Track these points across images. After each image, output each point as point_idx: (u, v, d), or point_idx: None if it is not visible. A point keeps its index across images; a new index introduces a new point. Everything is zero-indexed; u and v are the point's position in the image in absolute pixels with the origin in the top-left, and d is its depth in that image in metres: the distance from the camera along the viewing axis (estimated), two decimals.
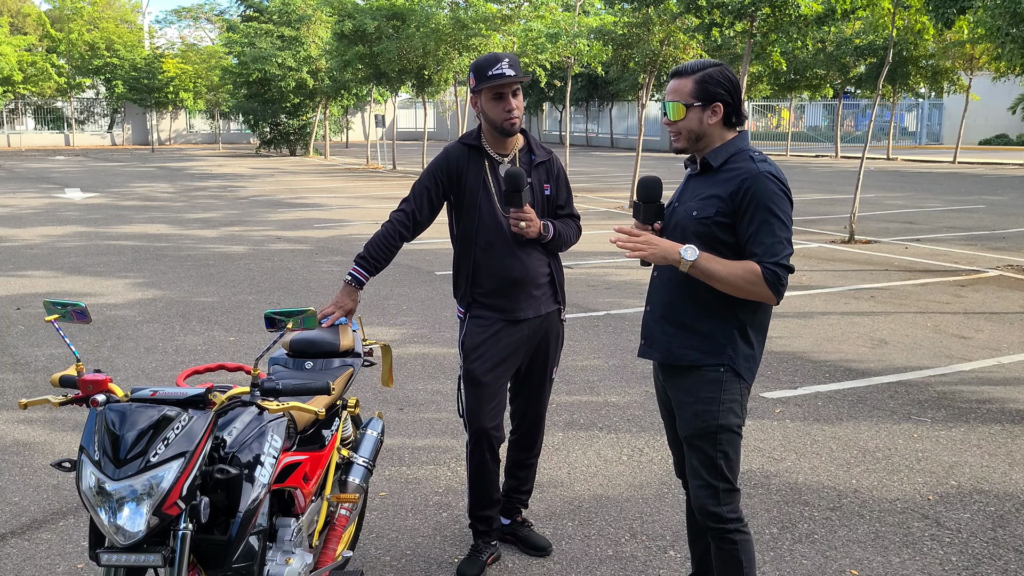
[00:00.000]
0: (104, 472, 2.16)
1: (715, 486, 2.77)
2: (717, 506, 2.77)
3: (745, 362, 2.77)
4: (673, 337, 2.81)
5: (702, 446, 2.77)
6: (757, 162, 2.69)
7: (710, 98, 2.70)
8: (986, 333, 7.33)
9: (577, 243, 3.73)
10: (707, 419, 2.75)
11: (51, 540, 3.82)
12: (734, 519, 2.79)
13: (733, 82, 2.72)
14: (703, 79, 2.70)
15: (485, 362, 3.46)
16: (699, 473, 2.79)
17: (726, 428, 2.75)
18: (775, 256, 2.61)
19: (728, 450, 2.77)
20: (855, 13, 13.71)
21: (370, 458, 3.26)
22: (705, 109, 2.71)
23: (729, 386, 2.75)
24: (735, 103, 2.73)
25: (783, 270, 2.62)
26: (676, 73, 2.75)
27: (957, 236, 13.13)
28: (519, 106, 3.39)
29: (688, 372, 2.79)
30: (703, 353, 2.75)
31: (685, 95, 2.71)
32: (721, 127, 2.75)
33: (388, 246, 3.47)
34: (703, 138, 2.75)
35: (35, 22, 42.97)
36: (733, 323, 2.74)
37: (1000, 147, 38.10)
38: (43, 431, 5.09)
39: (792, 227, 2.67)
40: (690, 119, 2.73)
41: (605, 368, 6.33)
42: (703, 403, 2.75)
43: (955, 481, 4.42)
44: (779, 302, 2.67)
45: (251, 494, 2.38)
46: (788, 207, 2.67)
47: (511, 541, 3.79)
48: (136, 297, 8.69)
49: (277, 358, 3.28)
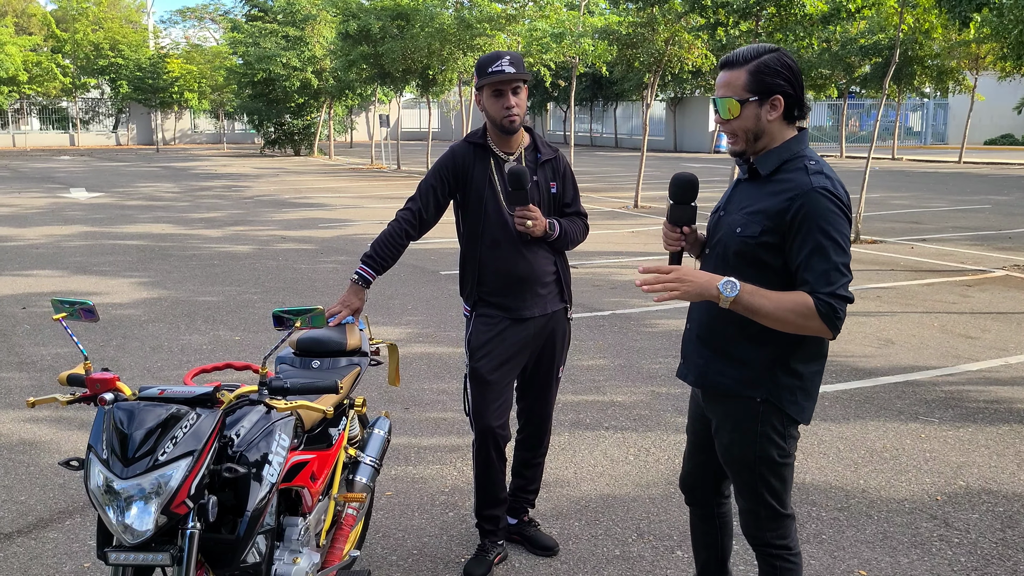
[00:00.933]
0: (112, 471, 2.16)
1: (756, 512, 2.60)
2: (760, 531, 2.62)
3: (790, 395, 2.47)
4: (709, 362, 2.56)
5: (742, 473, 2.58)
6: (811, 174, 2.35)
7: (768, 90, 2.37)
8: (993, 333, 7.30)
9: (583, 242, 3.72)
10: (743, 449, 2.54)
11: (57, 539, 3.82)
12: (780, 545, 2.62)
13: (794, 69, 2.38)
14: (758, 68, 2.36)
15: (491, 361, 3.45)
16: (741, 496, 2.63)
17: (765, 460, 2.53)
18: (830, 286, 2.29)
19: (770, 479, 2.55)
20: (861, 12, 13.68)
21: (377, 457, 3.25)
22: (763, 103, 2.38)
23: (767, 418, 2.49)
24: (797, 94, 2.38)
25: (840, 301, 2.29)
26: (726, 63, 2.41)
27: (963, 236, 13.09)
28: (519, 104, 3.37)
29: (724, 399, 2.56)
30: (738, 383, 2.50)
31: (738, 89, 2.38)
32: (782, 123, 2.42)
33: (394, 245, 3.47)
34: (762, 137, 2.42)
35: (40, 22, 43.07)
36: (773, 351, 2.45)
37: (1005, 147, 38.00)
38: (50, 430, 5.09)
39: (851, 249, 2.37)
40: (746, 117, 2.40)
41: (611, 368, 6.32)
42: (740, 432, 2.54)
43: (963, 481, 4.40)
44: (835, 336, 2.33)
45: (259, 493, 2.37)
46: (846, 227, 2.33)
47: (518, 541, 3.78)
48: (141, 296, 8.69)
49: (284, 357, 3.28)
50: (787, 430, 2.52)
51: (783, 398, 2.48)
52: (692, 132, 40.09)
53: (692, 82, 35.21)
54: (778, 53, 2.40)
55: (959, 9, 10.52)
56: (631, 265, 10.48)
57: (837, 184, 2.37)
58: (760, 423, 2.50)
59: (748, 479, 2.57)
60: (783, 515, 2.61)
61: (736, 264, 2.43)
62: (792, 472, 2.62)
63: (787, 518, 2.62)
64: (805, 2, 13.46)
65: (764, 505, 2.58)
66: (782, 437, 2.52)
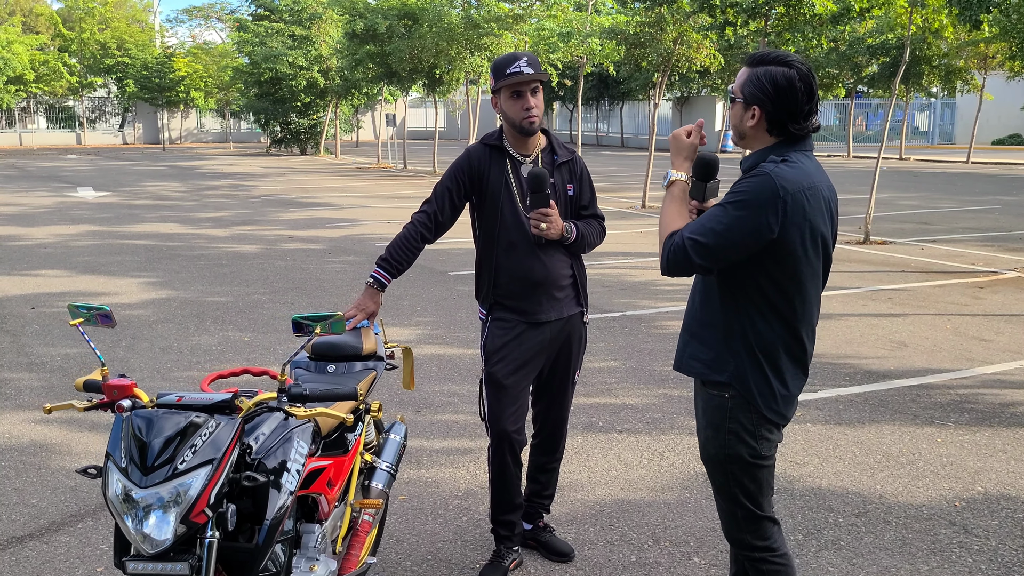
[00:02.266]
0: (131, 479, 2.13)
1: (733, 512, 2.60)
2: (739, 532, 2.61)
3: (756, 387, 2.48)
4: (687, 345, 2.62)
5: (714, 472, 2.61)
6: (776, 163, 2.39)
7: (751, 99, 2.43)
8: (1007, 336, 7.25)
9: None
10: (715, 446, 2.56)
11: (70, 543, 3.79)
12: (761, 547, 2.60)
13: (782, 90, 2.38)
14: (752, 76, 2.43)
15: (507, 365, 3.42)
16: (718, 496, 2.65)
17: (735, 459, 2.53)
18: (692, 233, 2.38)
19: (743, 479, 2.55)
20: (871, 12, 13.63)
21: (393, 463, 3.22)
22: (746, 109, 2.45)
23: (735, 414, 2.50)
24: (777, 114, 2.40)
25: (684, 245, 2.38)
26: (745, 59, 2.50)
27: (973, 237, 13.03)
28: (538, 104, 3.34)
29: (703, 390, 2.59)
30: (705, 365, 2.54)
31: (737, 86, 2.47)
32: (764, 132, 2.46)
33: (410, 248, 3.43)
34: (745, 138, 2.49)
35: (47, 21, 43.14)
36: (738, 340, 2.49)
37: (1013, 147, 37.87)
38: (60, 432, 5.07)
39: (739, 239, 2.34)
40: (735, 112, 2.50)
41: (622, 370, 6.28)
42: (711, 428, 2.56)
43: (981, 487, 4.36)
44: (662, 273, 2.48)
45: (278, 501, 2.34)
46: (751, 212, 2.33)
47: (533, 546, 3.75)
48: (150, 297, 8.67)
49: (299, 361, 3.25)
50: (757, 429, 2.51)
51: (751, 391, 2.48)
52: None
53: (699, 81, 35.12)
54: (781, 70, 2.39)
55: (969, 11, 10.47)
56: (640, 266, 10.44)
57: (784, 175, 2.35)
58: (728, 419, 2.52)
59: (721, 479, 2.59)
60: (760, 516, 2.60)
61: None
62: (769, 475, 2.59)
63: (765, 519, 2.60)
64: (815, 2, 13.41)
65: (739, 506, 2.59)
66: (752, 436, 2.51)
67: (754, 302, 2.46)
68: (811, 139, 2.51)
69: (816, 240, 2.44)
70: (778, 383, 2.51)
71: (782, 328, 2.49)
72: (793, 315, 2.48)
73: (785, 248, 2.39)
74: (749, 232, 2.34)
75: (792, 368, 2.54)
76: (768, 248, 2.38)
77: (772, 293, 2.45)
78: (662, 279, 9.64)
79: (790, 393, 2.55)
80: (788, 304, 2.46)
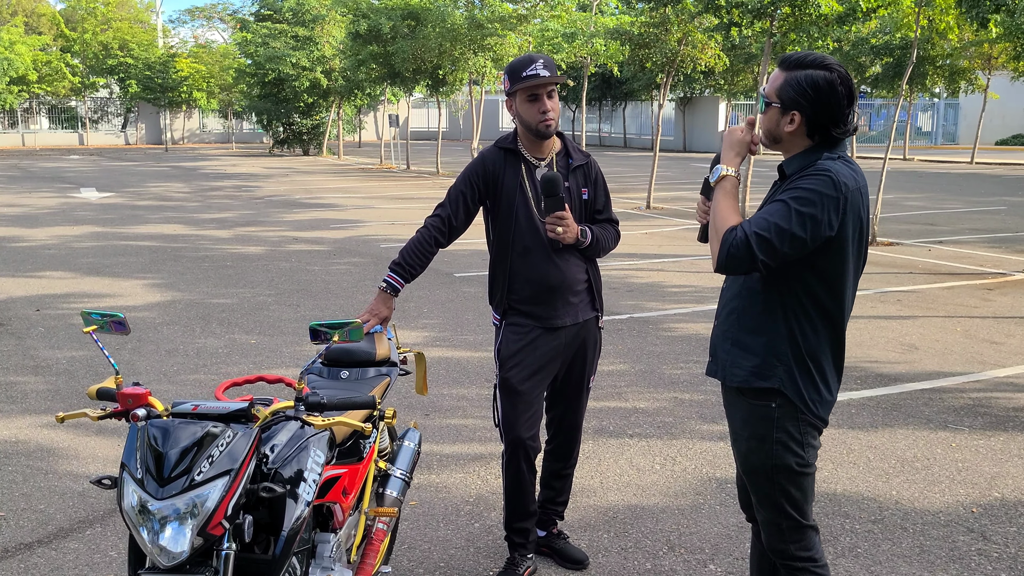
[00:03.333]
0: (147, 490, 2.09)
1: (778, 523, 2.57)
2: (783, 543, 2.59)
3: (805, 391, 2.48)
4: (729, 354, 2.57)
5: (760, 483, 2.56)
6: (834, 159, 2.39)
7: (790, 104, 2.40)
8: (1018, 338, 7.20)
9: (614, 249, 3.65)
10: (761, 457, 2.53)
11: (79, 550, 3.75)
12: (804, 557, 2.58)
13: (824, 93, 2.36)
14: (790, 80, 2.39)
15: (522, 371, 3.38)
16: (761, 508, 2.61)
17: (782, 468, 2.50)
18: (758, 228, 2.32)
19: (789, 488, 2.53)
20: (877, 12, 13.57)
21: (407, 470, 3.18)
22: (784, 113, 2.42)
23: (782, 423, 2.48)
24: (820, 118, 2.38)
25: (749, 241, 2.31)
26: (781, 62, 2.45)
27: (980, 238, 12.98)
28: (555, 108, 3.30)
29: (743, 400, 2.55)
30: (750, 373, 2.50)
31: (773, 90, 2.43)
32: (803, 137, 2.45)
33: (423, 252, 3.40)
34: (781, 142, 2.46)
35: (49, 22, 43.14)
36: (786, 343, 2.47)
37: (1017, 147, 37.77)
38: (68, 436, 5.03)
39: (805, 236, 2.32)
40: (769, 116, 2.45)
41: (632, 373, 6.24)
42: (756, 439, 2.53)
43: (998, 492, 4.31)
44: (716, 270, 2.41)
45: (295, 512, 2.30)
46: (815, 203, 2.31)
47: (547, 553, 3.71)
48: (155, 299, 8.64)
49: (312, 367, 3.21)
50: (804, 437, 2.50)
51: (793, 388, 2.47)
52: (702, 132, 39.95)
53: (702, 82, 35.07)
54: (820, 73, 2.37)
55: (977, 10, 10.42)
56: (646, 267, 10.40)
57: (843, 172, 2.37)
58: (775, 429, 2.49)
59: (767, 489, 2.55)
60: (805, 526, 2.58)
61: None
62: (813, 483, 2.59)
63: (809, 529, 2.59)
64: (820, 2, 13.35)
65: (785, 516, 2.56)
66: (799, 445, 2.50)
67: (802, 303, 2.46)
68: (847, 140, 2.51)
69: (863, 239, 2.47)
70: (823, 387, 2.52)
71: (828, 330, 2.49)
72: (840, 314, 2.48)
73: (838, 245, 2.40)
74: (813, 228, 2.33)
75: (834, 371, 2.55)
76: (823, 245, 2.38)
77: (821, 292, 2.45)
78: (669, 281, 9.60)
79: (833, 397, 2.55)
80: (836, 302, 2.47)
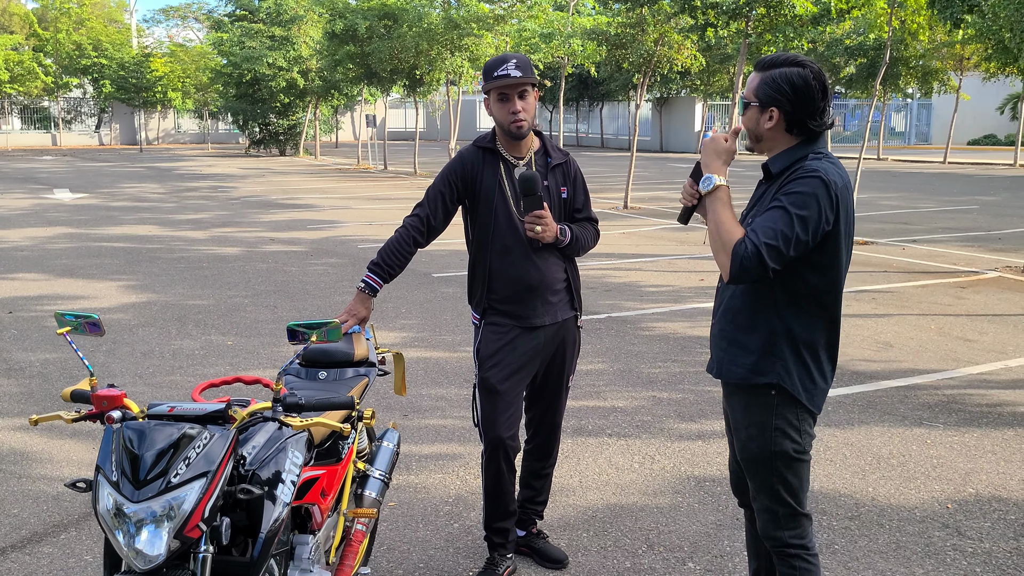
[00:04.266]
0: (123, 493, 2.06)
1: (775, 510, 2.65)
2: (778, 530, 2.66)
3: (801, 383, 2.56)
4: (725, 352, 2.65)
5: (759, 471, 2.64)
6: (810, 160, 2.48)
7: (768, 101, 2.51)
8: (990, 336, 7.29)
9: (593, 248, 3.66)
10: (760, 444, 2.61)
11: (53, 554, 3.71)
12: (797, 545, 2.65)
13: (799, 89, 2.46)
14: (768, 79, 2.50)
15: (501, 370, 3.38)
16: (758, 496, 2.68)
17: (781, 455, 2.59)
18: (764, 237, 2.37)
19: (786, 475, 2.61)
20: (851, 13, 13.69)
21: (386, 471, 3.17)
22: (763, 111, 2.53)
23: (781, 411, 2.57)
24: (796, 113, 2.49)
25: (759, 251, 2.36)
26: (758, 64, 2.56)
27: (953, 237, 13.12)
28: (527, 108, 3.29)
29: (740, 392, 2.65)
30: (748, 371, 2.59)
31: (751, 91, 2.54)
32: (783, 133, 2.54)
33: (402, 252, 3.38)
34: (763, 140, 2.57)
35: (22, 21, 42.59)
36: (782, 338, 2.55)
37: (989, 147, 38.25)
38: (41, 440, 4.97)
39: (807, 238, 2.40)
40: (749, 116, 2.56)
41: (610, 372, 6.25)
42: (756, 427, 2.61)
43: (972, 488, 4.36)
44: (729, 282, 2.46)
45: (273, 513, 2.28)
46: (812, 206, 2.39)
47: (526, 553, 3.71)
48: (130, 300, 8.56)
49: (289, 368, 3.18)
50: (801, 424, 2.60)
51: (795, 386, 2.56)
52: (678, 132, 40.12)
53: (679, 82, 35.22)
54: (796, 69, 2.48)
55: (951, 10, 10.53)
56: (624, 267, 10.42)
57: (831, 171, 2.46)
58: (775, 416, 2.58)
59: (765, 476, 2.63)
60: (801, 514, 2.66)
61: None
62: (808, 470, 2.67)
63: (805, 517, 2.67)
64: (795, 3, 13.46)
65: (782, 503, 2.64)
66: (797, 431, 2.59)
67: (797, 297, 2.53)
68: (826, 137, 2.61)
69: (851, 232, 2.56)
70: (819, 376, 2.61)
71: (825, 321, 2.58)
72: (835, 300, 2.57)
73: (833, 237, 2.48)
74: (813, 229, 2.42)
75: (828, 359, 2.64)
76: (820, 240, 2.47)
77: (817, 282, 2.52)
78: (646, 280, 9.63)
79: (828, 385, 2.65)
80: (832, 290, 2.55)
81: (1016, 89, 31.41)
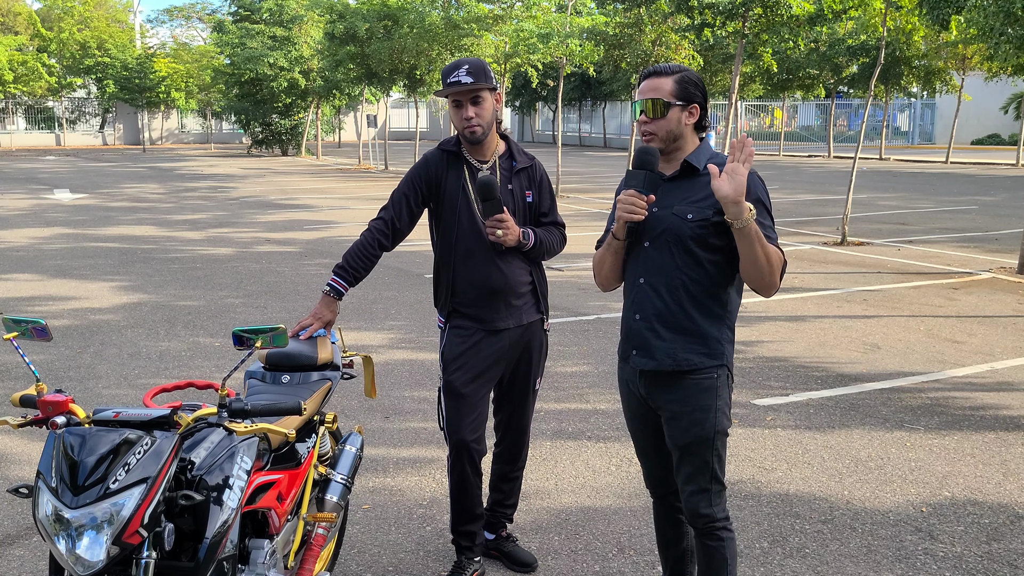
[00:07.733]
0: (61, 499, 2.06)
1: (708, 489, 2.78)
2: (709, 507, 2.79)
3: (731, 357, 2.81)
4: (674, 343, 2.74)
5: (700, 452, 2.76)
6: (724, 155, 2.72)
7: (689, 98, 2.73)
8: (979, 338, 7.26)
9: (565, 248, 3.66)
10: (705, 426, 2.74)
11: (24, 556, 3.72)
12: (723, 517, 2.81)
13: (703, 87, 2.78)
14: (682, 79, 2.73)
15: (465, 373, 3.37)
16: (693, 479, 2.78)
17: (722, 432, 2.77)
18: (777, 237, 2.66)
19: (721, 452, 2.79)
20: (847, 13, 13.66)
21: (348, 475, 3.16)
22: (684, 109, 2.73)
23: (723, 391, 2.76)
24: (704, 107, 2.78)
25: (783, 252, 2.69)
26: (654, 73, 2.75)
27: (950, 237, 13.08)
28: (480, 114, 3.27)
29: (683, 380, 2.75)
30: (705, 356, 2.74)
31: (666, 93, 2.70)
32: (693, 130, 2.77)
33: (367, 255, 3.38)
34: (679, 139, 2.74)
35: (26, 21, 42.71)
36: (727, 323, 2.77)
37: (992, 147, 38.11)
38: (10, 441, 4.98)
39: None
40: (670, 119, 2.71)
41: (595, 374, 6.24)
42: (701, 411, 2.74)
43: (948, 492, 4.34)
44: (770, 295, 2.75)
45: (219, 518, 2.28)
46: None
47: (495, 556, 3.70)
48: (121, 301, 8.57)
49: (254, 372, 3.19)
50: (730, 400, 2.83)
51: (733, 364, 2.81)
52: None
53: None
54: (688, 72, 2.76)
55: (937, 11, 10.50)
56: None
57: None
58: (717, 397, 2.75)
59: (705, 456, 2.75)
60: (724, 487, 2.82)
61: (690, 248, 2.67)
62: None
63: (725, 489, 2.84)
64: (792, 3, 13.43)
65: (716, 480, 2.78)
66: (729, 407, 2.80)
67: (736, 280, 2.75)
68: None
69: None
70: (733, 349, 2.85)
71: (739, 295, 2.82)
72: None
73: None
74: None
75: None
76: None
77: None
78: None
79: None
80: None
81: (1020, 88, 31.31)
